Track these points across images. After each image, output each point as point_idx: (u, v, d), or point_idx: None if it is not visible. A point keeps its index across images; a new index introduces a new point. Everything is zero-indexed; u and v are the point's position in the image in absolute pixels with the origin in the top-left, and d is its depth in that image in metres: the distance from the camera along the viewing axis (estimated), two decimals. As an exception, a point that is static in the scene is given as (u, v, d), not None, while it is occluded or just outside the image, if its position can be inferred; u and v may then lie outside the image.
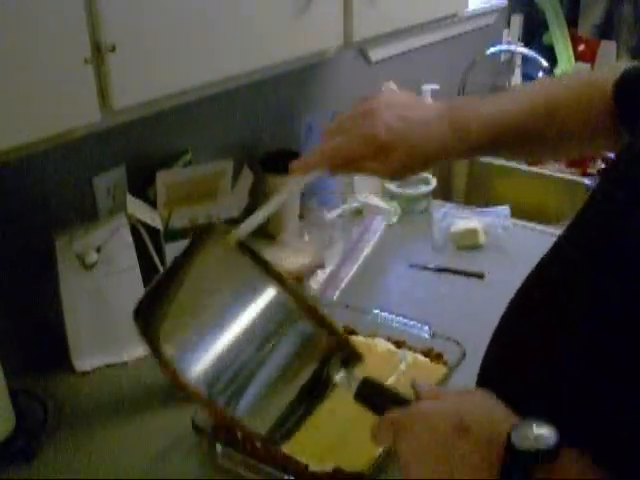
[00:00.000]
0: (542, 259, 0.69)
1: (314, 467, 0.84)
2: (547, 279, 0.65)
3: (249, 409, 0.55)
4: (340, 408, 0.90)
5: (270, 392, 0.56)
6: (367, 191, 1.61)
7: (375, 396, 0.60)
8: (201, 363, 0.54)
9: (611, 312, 0.54)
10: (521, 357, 0.63)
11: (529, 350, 0.62)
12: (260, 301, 0.55)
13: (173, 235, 0.94)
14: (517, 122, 0.77)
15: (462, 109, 0.77)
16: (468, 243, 1.46)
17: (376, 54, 1.80)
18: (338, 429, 0.90)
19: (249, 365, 0.54)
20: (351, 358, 0.59)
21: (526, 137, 0.78)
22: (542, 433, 0.49)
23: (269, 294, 0.54)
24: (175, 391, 1.01)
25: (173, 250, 0.94)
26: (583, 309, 0.57)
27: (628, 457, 0.50)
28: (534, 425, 0.50)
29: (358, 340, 1.07)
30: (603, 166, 1.96)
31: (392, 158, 0.75)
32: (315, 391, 0.59)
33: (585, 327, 0.57)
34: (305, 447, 0.86)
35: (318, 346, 0.56)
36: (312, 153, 0.78)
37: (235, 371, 0.54)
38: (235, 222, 0.96)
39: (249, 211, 1.02)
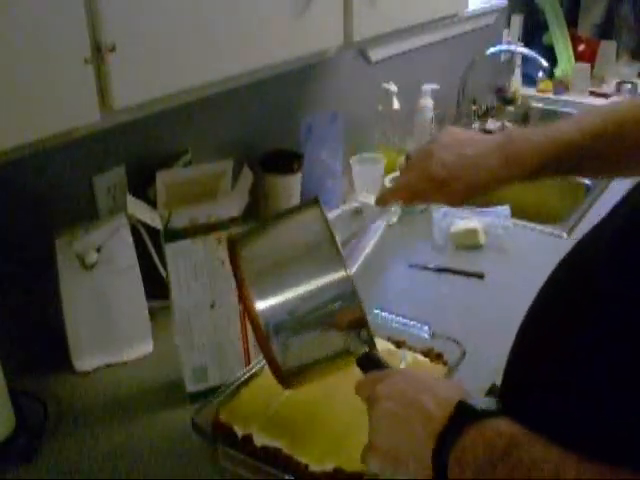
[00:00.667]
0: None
1: (314, 467, 0.84)
2: (558, 279, 0.66)
3: (286, 351, 0.71)
4: (343, 404, 0.90)
5: (307, 345, 0.72)
6: (367, 191, 1.61)
7: (371, 363, 0.73)
8: (267, 300, 0.70)
9: (610, 318, 0.55)
10: (534, 354, 0.65)
11: (541, 348, 0.64)
12: (330, 275, 0.72)
13: (173, 235, 0.93)
14: (571, 146, 0.82)
15: (515, 141, 0.86)
16: (468, 243, 1.46)
17: (376, 54, 1.80)
18: (339, 429, 0.90)
19: (300, 319, 0.71)
20: (369, 340, 0.73)
21: (583, 158, 0.84)
22: (490, 400, 0.62)
23: (339, 273, 0.72)
24: (176, 391, 1.02)
25: (173, 250, 0.94)
26: (587, 312, 0.58)
27: (627, 459, 0.51)
28: (487, 398, 0.62)
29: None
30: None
31: (453, 189, 0.87)
32: (336, 356, 0.74)
33: (587, 330, 0.57)
34: (305, 446, 0.86)
35: (353, 317, 0.72)
36: (387, 190, 0.95)
37: (289, 318, 0.70)
38: (235, 222, 0.96)
39: (249, 211, 1.02)
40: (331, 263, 0.73)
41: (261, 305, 0.70)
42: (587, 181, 1.84)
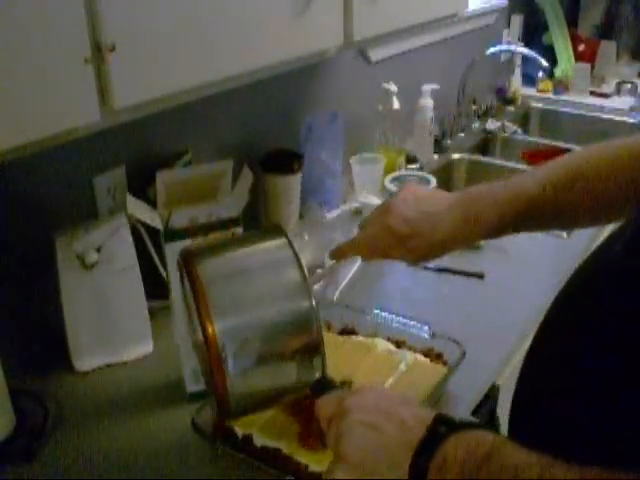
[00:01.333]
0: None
1: (314, 467, 0.84)
2: (570, 287, 0.67)
3: (237, 376, 0.68)
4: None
5: (259, 371, 0.69)
6: (367, 191, 1.61)
7: (325, 387, 0.71)
8: (226, 320, 0.67)
9: (606, 330, 0.56)
10: (546, 360, 0.65)
11: (552, 355, 0.64)
12: (294, 304, 0.69)
13: (173, 235, 0.93)
14: (532, 201, 0.81)
15: (475, 199, 0.84)
16: (468, 243, 1.46)
17: (376, 54, 1.80)
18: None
19: (258, 343, 0.68)
20: (322, 367, 0.71)
21: (550, 211, 0.82)
22: (469, 418, 0.64)
23: (304, 305, 0.69)
24: (176, 391, 1.02)
25: (173, 250, 0.94)
26: (589, 323, 0.59)
27: (629, 466, 0.51)
28: (466, 417, 0.62)
29: (358, 340, 1.07)
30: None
31: (412, 245, 0.85)
32: (286, 387, 0.72)
33: (589, 339, 0.58)
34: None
35: (309, 343, 0.70)
36: (346, 243, 0.92)
37: (246, 342, 0.68)
38: (235, 222, 0.96)
39: (249, 211, 1.02)
40: (296, 289, 0.70)
41: (219, 325, 0.67)
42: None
